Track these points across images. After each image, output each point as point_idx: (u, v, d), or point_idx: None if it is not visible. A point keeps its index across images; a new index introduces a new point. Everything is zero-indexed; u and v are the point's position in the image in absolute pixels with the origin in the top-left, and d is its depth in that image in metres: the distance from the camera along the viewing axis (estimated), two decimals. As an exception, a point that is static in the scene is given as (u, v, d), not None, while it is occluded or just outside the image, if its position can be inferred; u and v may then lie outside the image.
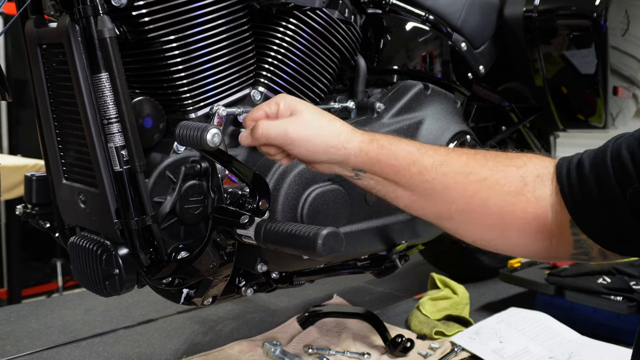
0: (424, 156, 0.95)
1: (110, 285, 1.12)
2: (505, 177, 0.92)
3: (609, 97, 1.77)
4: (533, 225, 0.90)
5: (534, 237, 0.91)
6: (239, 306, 1.86)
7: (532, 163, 0.93)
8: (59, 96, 1.17)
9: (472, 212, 0.94)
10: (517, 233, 0.92)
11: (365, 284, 2.12)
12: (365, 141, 0.97)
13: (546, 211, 0.90)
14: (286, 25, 1.30)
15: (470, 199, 0.93)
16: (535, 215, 0.90)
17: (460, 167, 0.94)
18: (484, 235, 0.96)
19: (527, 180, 0.91)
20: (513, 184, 0.91)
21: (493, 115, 1.93)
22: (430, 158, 0.95)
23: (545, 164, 0.92)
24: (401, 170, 0.96)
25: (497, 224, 0.92)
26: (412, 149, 0.96)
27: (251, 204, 1.09)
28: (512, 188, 0.91)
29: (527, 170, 0.91)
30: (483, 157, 0.95)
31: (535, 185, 0.90)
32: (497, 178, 0.92)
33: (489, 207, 0.92)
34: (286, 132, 0.97)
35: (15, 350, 1.56)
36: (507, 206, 0.91)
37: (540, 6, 1.73)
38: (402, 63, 1.57)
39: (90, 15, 1.04)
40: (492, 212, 0.92)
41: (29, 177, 1.32)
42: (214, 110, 1.19)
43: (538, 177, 0.91)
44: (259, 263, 1.22)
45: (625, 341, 1.61)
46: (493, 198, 0.91)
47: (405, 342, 1.50)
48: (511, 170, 0.92)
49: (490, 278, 2.13)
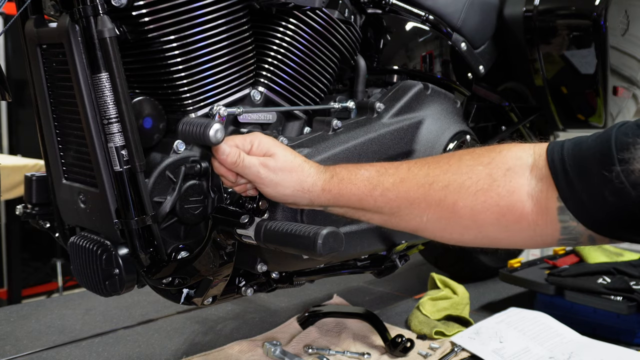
0: (384, 177, 0.99)
1: (110, 285, 1.12)
2: (469, 178, 0.93)
3: (608, 97, 1.77)
4: (509, 217, 0.91)
5: (513, 229, 0.92)
6: (239, 306, 1.86)
7: (502, 157, 0.93)
8: (59, 96, 1.17)
9: (444, 219, 0.96)
10: (495, 228, 0.93)
11: (365, 284, 2.12)
12: (326, 180, 1.03)
13: (522, 201, 0.90)
14: (286, 25, 1.30)
15: (438, 208, 0.95)
16: (509, 207, 0.90)
17: (422, 179, 0.96)
18: (464, 236, 0.98)
19: (495, 176, 0.91)
20: (479, 183, 0.92)
21: (493, 115, 1.93)
22: (391, 177, 0.98)
23: (520, 154, 0.92)
24: (364, 197, 1.00)
25: (472, 224, 0.94)
26: (371, 174, 1.00)
27: (251, 204, 1.10)
28: (479, 187, 0.92)
29: (495, 165, 0.92)
30: (447, 162, 0.96)
31: (506, 179, 0.91)
32: (461, 181, 0.93)
33: (458, 210, 0.93)
34: (258, 171, 1.03)
35: (15, 350, 1.56)
36: (477, 205, 0.92)
37: (540, 6, 1.73)
38: (402, 63, 1.57)
39: (90, 15, 1.04)
40: (464, 214, 0.93)
41: (29, 177, 1.32)
42: (214, 110, 1.19)
43: (508, 170, 0.91)
44: (259, 263, 1.22)
45: (625, 341, 1.61)
46: (460, 201, 0.93)
47: (405, 342, 1.50)
48: (476, 170, 0.93)
49: (490, 278, 2.13)
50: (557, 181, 0.87)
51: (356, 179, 1.01)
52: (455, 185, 0.93)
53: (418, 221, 0.98)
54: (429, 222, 0.97)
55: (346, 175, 1.02)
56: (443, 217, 0.95)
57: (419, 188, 0.96)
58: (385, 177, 0.99)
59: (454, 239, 1.00)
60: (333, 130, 1.31)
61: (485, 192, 0.91)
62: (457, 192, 0.93)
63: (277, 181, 1.03)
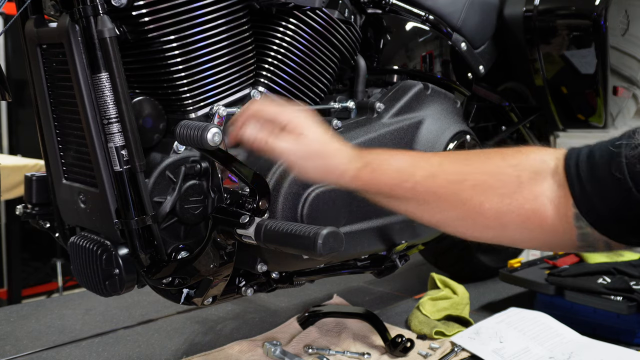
0: (416, 170, 0.99)
1: (110, 285, 1.12)
2: (498, 179, 0.94)
3: (608, 97, 1.77)
4: (533, 221, 0.91)
5: (535, 232, 0.93)
6: (239, 306, 1.86)
7: (529, 160, 0.94)
8: (59, 96, 1.17)
9: (469, 218, 0.96)
10: (517, 230, 0.94)
11: (365, 284, 2.12)
12: (358, 169, 1.02)
13: (545, 206, 0.90)
14: (286, 25, 1.30)
15: (465, 206, 0.95)
16: (534, 211, 0.91)
17: (452, 176, 0.97)
18: (485, 234, 0.98)
19: (522, 179, 0.92)
20: (507, 185, 0.93)
21: (493, 115, 1.93)
22: (422, 171, 0.99)
23: (545, 158, 0.93)
24: (395, 188, 1.00)
25: (495, 224, 0.94)
26: (404, 165, 1.01)
27: (251, 204, 1.10)
28: (506, 189, 0.93)
29: (523, 168, 0.93)
30: (477, 160, 0.98)
31: (532, 182, 0.91)
32: (490, 182, 0.94)
33: (484, 211, 0.94)
34: (288, 154, 1.03)
35: (15, 350, 1.56)
36: (503, 207, 0.92)
37: (540, 6, 1.73)
38: (402, 63, 1.57)
39: (90, 15, 1.04)
40: (489, 215, 0.94)
41: (29, 177, 1.32)
42: (214, 110, 1.19)
43: (535, 173, 0.92)
44: (259, 263, 1.22)
45: (625, 341, 1.61)
46: (488, 202, 0.93)
47: (405, 342, 1.50)
48: (505, 171, 0.94)
49: (490, 278, 2.13)
50: (571, 187, 0.88)
51: (388, 168, 1.01)
52: (484, 186, 0.94)
53: (443, 216, 1.00)
54: (453, 219, 0.99)
55: (378, 165, 1.02)
56: (468, 216, 0.96)
57: (448, 185, 0.97)
58: (417, 169, 0.99)
59: (475, 237, 1.01)
60: (333, 130, 1.31)
61: (511, 195, 0.92)
62: (484, 193, 0.94)
63: (306, 167, 1.04)
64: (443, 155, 1.03)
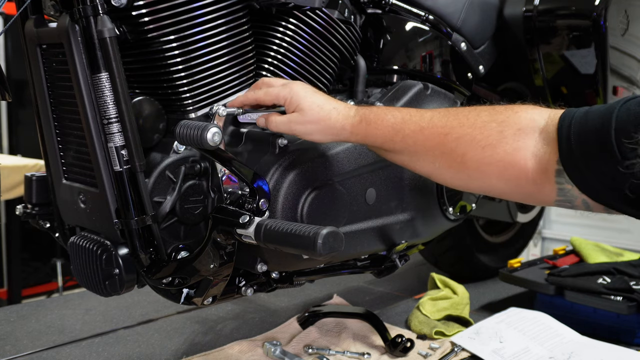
0: (407, 124, 1.08)
1: (110, 285, 1.12)
2: (481, 132, 1.01)
3: (608, 97, 1.77)
4: (511, 172, 0.99)
5: (514, 183, 1.00)
6: (239, 306, 1.86)
7: (516, 117, 1.00)
8: (59, 96, 1.17)
9: (453, 168, 1.05)
10: (497, 180, 1.02)
11: (365, 284, 2.12)
12: (354, 124, 1.12)
13: (525, 159, 0.98)
14: (286, 25, 1.30)
15: (449, 157, 1.05)
16: (512, 163, 0.99)
17: (439, 129, 1.06)
18: (470, 184, 1.08)
19: (505, 134, 0.99)
20: (489, 138, 1.00)
21: (493, 115, 1.93)
22: (412, 125, 1.08)
23: (534, 116, 0.99)
24: (387, 141, 1.10)
25: (478, 174, 1.03)
26: (396, 120, 1.09)
27: (251, 204, 1.10)
28: (488, 142, 1.00)
29: (508, 124, 1.00)
30: (465, 116, 1.05)
31: (514, 137, 0.99)
32: (473, 135, 1.02)
33: (466, 161, 1.03)
34: (289, 128, 1.14)
35: (15, 350, 1.56)
36: (484, 158, 1.01)
37: (539, 6, 1.73)
38: (402, 63, 1.57)
39: (90, 15, 1.04)
40: (470, 165, 1.03)
41: (29, 177, 1.32)
42: (213, 110, 1.19)
43: (519, 130, 0.99)
44: (259, 263, 1.22)
45: (625, 341, 1.61)
46: (469, 153, 1.02)
47: (405, 342, 1.50)
48: (489, 126, 1.01)
49: (490, 278, 2.13)
50: (560, 146, 0.94)
51: (382, 124, 1.10)
52: (467, 138, 1.02)
53: (431, 167, 1.09)
54: (440, 168, 1.07)
55: (373, 119, 1.11)
56: (452, 166, 1.05)
57: (435, 137, 1.05)
58: (408, 124, 1.08)
59: (462, 186, 1.12)
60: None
61: (493, 147, 1.00)
62: (467, 145, 1.02)
63: (307, 132, 1.14)
64: (436, 111, 1.10)
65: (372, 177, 1.35)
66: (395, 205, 1.39)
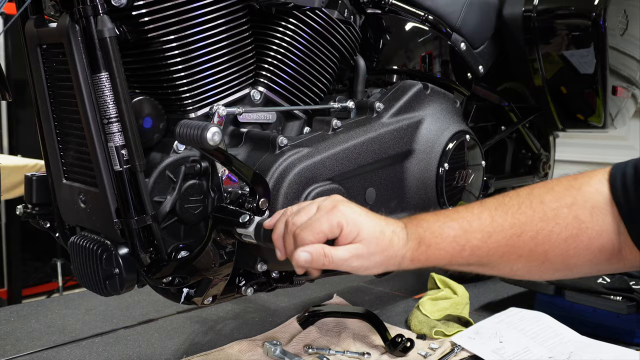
0: (471, 234, 0.95)
1: (110, 285, 1.12)
2: (557, 224, 0.90)
3: (608, 96, 1.77)
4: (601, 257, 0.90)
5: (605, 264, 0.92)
6: (239, 306, 1.86)
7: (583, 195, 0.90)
8: (59, 96, 1.17)
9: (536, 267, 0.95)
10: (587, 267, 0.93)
11: (365, 284, 2.12)
12: (414, 249, 0.97)
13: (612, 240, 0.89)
14: (286, 25, 1.30)
15: (529, 258, 0.93)
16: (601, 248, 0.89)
17: (509, 231, 0.93)
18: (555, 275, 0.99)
19: (582, 218, 0.89)
20: (568, 228, 0.90)
21: (492, 115, 1.93)
22: (477, 233, 0.95)
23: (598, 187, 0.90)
24: (454, 259, 0.97)
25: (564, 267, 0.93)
26: (457, 232, 0.96)
27: (251, 203, 1.10)
28: (568, 233, 0.90)
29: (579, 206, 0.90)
30: (529, 207, 0.93)
31: (593, 219, 0.89)
32: (549, 229, 0.91)
33: (550, 258, 0.92)
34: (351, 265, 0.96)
35: (15, 350, 1.56)
36: (569, 252, 0.91)
37: (539, 6, 1.74)
38: (402, 63, 1.58)
39: (90, 15, 1.04)
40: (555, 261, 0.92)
41: (29, 177, 1.32)
42: (213, 110, 1.19)
43: (594, 208, 0.89)
44: (259, 262, 1.22)
45: (625, 341, 1.61)
46: (552, 250, 0.91)
47: (405, 342, 1.50)
48: (562, 214, 0.90)
49: (490, 278, 2.13)
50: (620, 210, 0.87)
51: (443, 242, 0.97)
52: (544, 234, 0.91)
53: (509, 269, 0.98)
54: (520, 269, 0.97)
55: (432, 240, 0.97)
56: (534, 265, 0.95)
57: (507, 241, 0.94)
58: (472, 233, 0.95)
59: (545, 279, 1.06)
60: (333, 130, 1.31)
61: (575, 237, 0.90)
62: (546, 242, 0.91)
63: (368, 266, 0.97)
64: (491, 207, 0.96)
65: (372, 177, 1.35)
66: (395, 204, 1.39)
